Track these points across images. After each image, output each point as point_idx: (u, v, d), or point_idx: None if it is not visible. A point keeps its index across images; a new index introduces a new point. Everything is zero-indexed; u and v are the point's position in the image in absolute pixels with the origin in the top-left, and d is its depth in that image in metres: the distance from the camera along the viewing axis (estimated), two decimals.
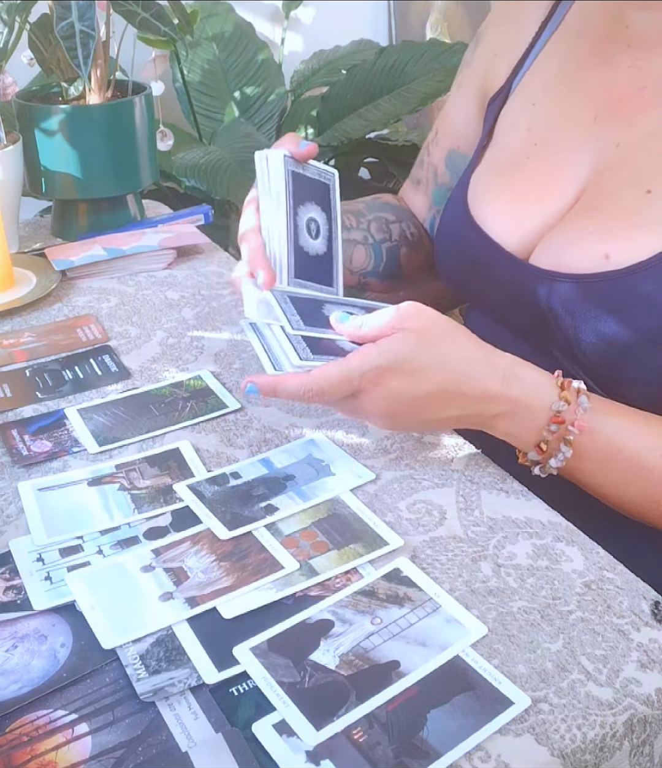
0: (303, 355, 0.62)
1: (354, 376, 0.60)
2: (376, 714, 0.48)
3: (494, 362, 0.62)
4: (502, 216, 0.75)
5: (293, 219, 0.70)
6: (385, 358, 0.60)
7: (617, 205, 0.68)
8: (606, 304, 0.66)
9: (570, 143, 0.73)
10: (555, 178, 0.73)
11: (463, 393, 0.61)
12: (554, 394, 0.62)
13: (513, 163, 0.76)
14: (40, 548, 0.60)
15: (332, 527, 0.61)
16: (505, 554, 0.59)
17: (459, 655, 0.51)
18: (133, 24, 1.02)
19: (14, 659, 0.52)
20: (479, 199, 0.77)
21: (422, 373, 0.60)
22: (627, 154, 0.69)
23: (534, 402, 0.62)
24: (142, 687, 0.50)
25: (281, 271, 0.69)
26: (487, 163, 0.79)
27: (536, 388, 0.62)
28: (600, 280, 0.66)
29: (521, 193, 0.75)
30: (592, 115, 0.72)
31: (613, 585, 0.57)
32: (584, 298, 0.67)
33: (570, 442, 0.62)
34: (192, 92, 1.94)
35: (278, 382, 0.62)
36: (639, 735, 0.48)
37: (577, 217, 0.70)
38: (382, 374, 0.60)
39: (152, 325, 0.91)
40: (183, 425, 0.74)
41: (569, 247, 0.69)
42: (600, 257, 0.66)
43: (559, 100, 0.75)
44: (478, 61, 0.86)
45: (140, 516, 0.63)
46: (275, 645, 0.52)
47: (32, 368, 0.83)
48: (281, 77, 2.04)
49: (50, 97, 1.11)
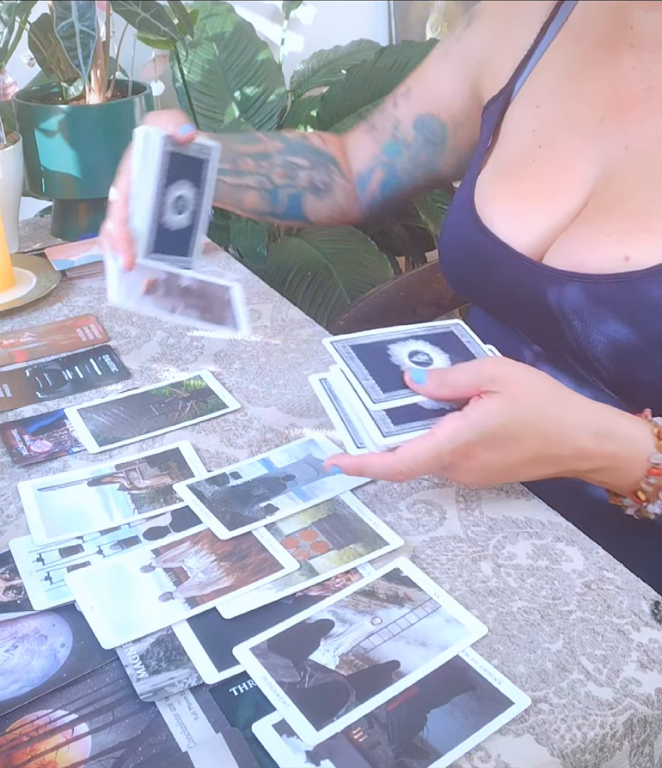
0: (386, 430, 0.57)
1: (444, 454, 0.56)
2: (376, 714, 0.48)
3: (585, 418, 0.58)
4: (510, 217, 0.75)
5: (159, 198, 0.75)
6: (475, 432, 0.55)
7: (631, 207, 0.67)
8: (623, 306, 0.66)
9: (575, 145, 0.73)
10: (562, 179, 0.73)
11: (557, 455, 0.58)
12: (650, 445, 0.59)
13: (518, 164, 0.76)
14: (40, 548, 0.60)
15: (332, 527, 0.61)
16: (505, 554, 0.59)
17: (459, 655, 0.51)
18: (134, 24, 1.02)
19: (14, 659, 0.52)
20: (486, 200, 0.77)
21: (515, 442, 0.57)
22: (637, 156, 0.69)
23: (630, 456, 0.59)
24: (142, 687, 0.50)
25: (139, 246, 0.75)
26: (493, 165, 0.79)
27: (633, 443, 0.59)
28: (620, 281, 0.66)
29: (528, 194, 0.74)
30: (598, 116, 0.72)
31: (613, 585, 0.57)
32: (600, 300, 0.67)
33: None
34: (192, 92, 1.93)
35: (363, 464, 0.58)
36: (639, 735, 0.48)
37: (591, 218, 0.70)
38: (473, 448, 0.56)
39: (152, 325, 0.91)
40: (183, 425, 0.74)
41: (586, 249, 0.68)
42: (620, 259, 0.66)
43: (563, 101, 0.75)
44: (471, 43, 0.85)
45: (140, 516, 0.63)
46: (275, 645, 0.52)
47: (32, 368, 0.83)
48: (281, 77, 2.04)
49: (50, 97, 1.11)
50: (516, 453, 0.57)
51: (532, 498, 0.65)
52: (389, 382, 0.59)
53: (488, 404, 0.56)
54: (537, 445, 0.57)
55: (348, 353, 0.61)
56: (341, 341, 0.62)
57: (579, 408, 0.59)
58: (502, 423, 0.56)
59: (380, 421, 0.58)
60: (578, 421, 0.58)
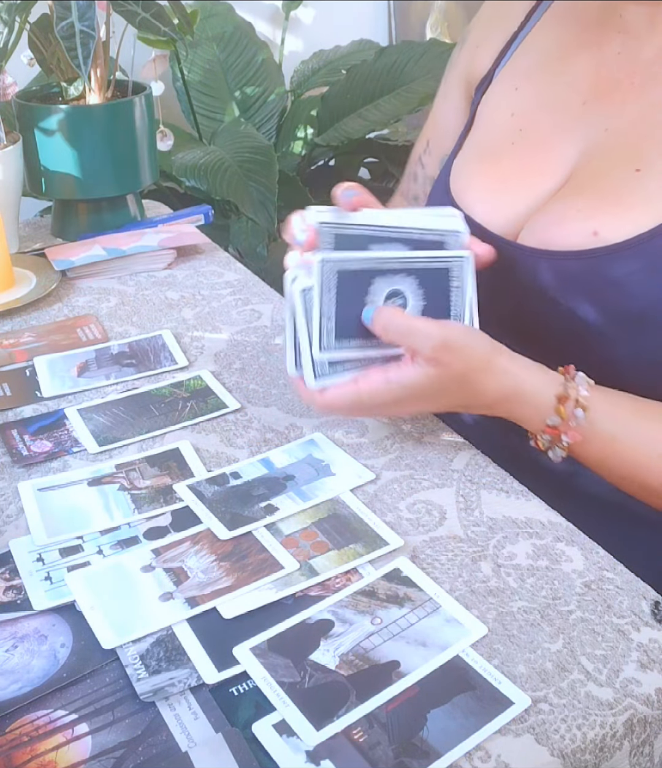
0: (319, 372, 0.64)
1: (363, 404, 0.64)
2: (376, 714, 0.48)
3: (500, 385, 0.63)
4: (487, 199, 0.75)
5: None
6: (390, 393, 0.63)
7: (606, 184, 0.68)
8: (592, 282, 0.66)
9: (557, 128, 0.73)
10: (542, 162, 0.73)
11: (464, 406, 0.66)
12: (550, 409, 0.63)
13: (497, 147, 0.76)
14: (40, 548, 0.60)
15: (332, 527, 0.61)
16: (505, 554, 0.59)
17: (459, 655, 0.51)
18: (134, 24, 1.02)
19: (14, 659, 0.52)
20: (463, 184, 0.77)
21: (426, 401, 0.65)
22: (617, 137, 0.69)
23: (529, 416, 0.64)
24: (142, 687, 0.50)
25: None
26: (469, 149, 0.79)
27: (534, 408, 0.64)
28: (584, 257, 0.66)
29: (506, 177, 0.74)
30: (580, 100, 0.72)
31: (613, 585, 0.57)
32: (571, 275, 0.67)
33: (564, 448, 0.63)
34: (192, 92, 1.93)
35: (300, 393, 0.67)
36: (639, 735, 0.48)
37: (565, 196, 0.70)
38: (387, 402, 0.64)
39: (152, 325, 0.91)
40: (183, 425, 0.74)
41: (556, 225, 0.69)
42: (589, 234, 0.66)
43: (545, 85, 0.75)
44: (462, 61, 0.85)
45: (140, 516, 0.63)
46: (275, 645, 0.52)
47: (32, 368, 0.83)
48: (281, 77, 2.04)
49: (50, 97, 1.11)
50: (428, 406, 0.68)
51: (532, 498, 0.65)
52: (347, 329, 0.64)
53: (413, 373, 0.62)
54: (448, 402, 0.65)
55: (329, 280, 0.63)
56: (332, 261, 0.62)
57: (500, 375, 0.63)
58: (423, 387, 0.62)
59: (318, 365, 0.64)
60: (493, 388, 0.63)
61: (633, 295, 0.65)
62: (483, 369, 0.62)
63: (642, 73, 0.69)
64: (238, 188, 1.62)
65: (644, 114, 0.68)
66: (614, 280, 0.65)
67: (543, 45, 0.76)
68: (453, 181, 0.78)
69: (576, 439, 0.62)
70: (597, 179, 0.68)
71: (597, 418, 0.62)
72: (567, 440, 0.63)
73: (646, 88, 0.68)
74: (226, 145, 1.76)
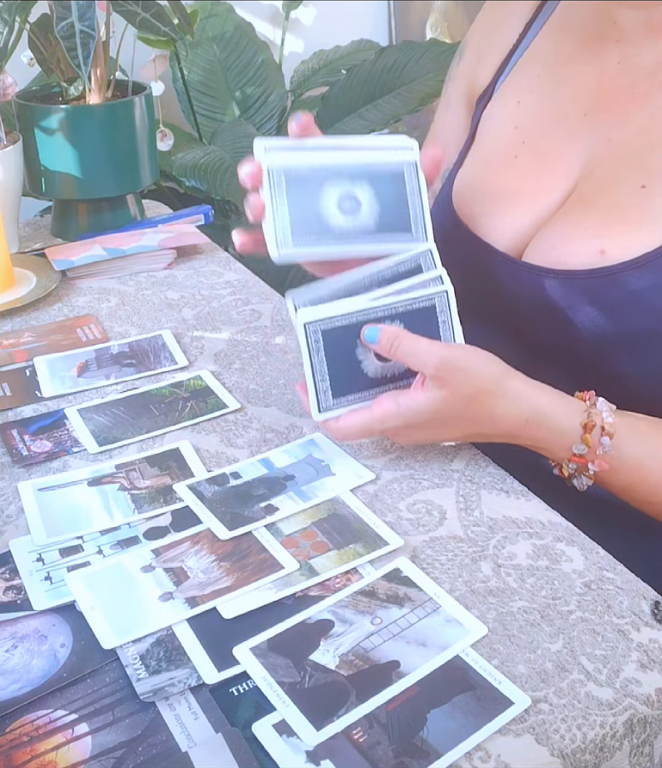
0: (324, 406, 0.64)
1: (375, 429, 0.63)
2: (376, 714, 0.48)
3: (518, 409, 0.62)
4: (490, 214, 0.74)
5: None
6: (403, 420, 0.62)
7: (611, 200, 0.67)
8: (600, 301, 0.66)
9: (560, 140, 0.72)
10: (545, 175, 0.73)
11: (485, 435, 0.65)
12: (576, 437, 0.62)
13: (500, 161, 0.76)
14: (40, 548, 0.60)
15: (332, 527, 0.61)
16: (505, 554, 0.59)
17: (459, 655, 0.51)
18: (134, 24, 1.02)
19: (14, 659, 0.52)
20: (466, 199, 0.77)
21: (444, 427, 0.64)
22: (620, 148, 0.69)
23: (555, 442, 0.63)
24: (142, 687, 0.50)
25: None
26: (472, 163, 0.79)
27: (558, 435, 0.63)
28: (595, 276, 0.66)
29: (510, 191, 0.74)
30: (582, 111, 0.72)
31: (613, 585, 0.57)
32: (578, 293, 0.67)
33: (590, 476, 0.63)
34: (192, 92, 1.93)
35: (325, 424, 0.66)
36: (639, 735, 0.48)
37: (570, 212, 0.70)
38: (401, 429, 0.63)
39: (152, 325, 0.91)
40: (183, 425, 0.74)
41: (563, 243, 0.68)
42: (596, 253, 0.66)
43: (546, 97, 0.74)
44: (462, 74, 0.84)
45: (140, 516, 0.63)
46: (275, 645, 0.52)
47: (32, 368, 0.83)
48: (281, 77, 2.04)
49: (50, 97, 1.11)
50: (444, 433, 0.65)
51: (532, 498, 0.65)
52: (343, 386, 0.64)
53: (422, 396, 0.61)
54: (465, 429, 0.64)
55: (316, 342, 0.62)
56: (314, 323, 0.62)
57: (515, 398, 0.62)
58: (434, 411, 0.61)
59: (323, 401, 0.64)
60: (510, 412, 0.62)
61: (639, 313, 0.65)
62: (494, 392, 0.61)
63: (643, 81, 0.69)
64: (238, 188, 1.62)
65: (648, 123, 0.68)
66: (621, 298, 0.65)
67: (543, 57, 0.76)
68: (455, 195, 0.78)
69: (603, 468, 0.62)
70: (602, 194, 0.68)
71: (622, 444, 0.62)
72: (593, 469, 0.62)
73: (649, 97, 0.68)
74: (226, 145, 1.76)
